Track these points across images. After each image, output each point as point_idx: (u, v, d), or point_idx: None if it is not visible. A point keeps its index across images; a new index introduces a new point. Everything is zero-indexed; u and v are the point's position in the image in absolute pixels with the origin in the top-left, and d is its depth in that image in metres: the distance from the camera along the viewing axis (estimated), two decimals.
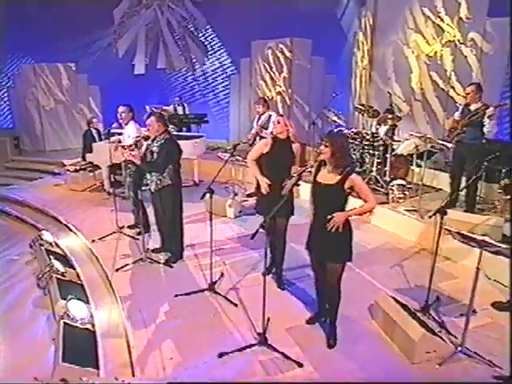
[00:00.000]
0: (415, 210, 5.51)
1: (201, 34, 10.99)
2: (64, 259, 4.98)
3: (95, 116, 7.70)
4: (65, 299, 3.80)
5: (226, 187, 7.49)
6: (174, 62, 10.55)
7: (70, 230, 5.67)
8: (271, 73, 10.13)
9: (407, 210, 5.57)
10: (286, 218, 3.97)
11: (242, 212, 6.27)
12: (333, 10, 11.25)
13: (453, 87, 7.09)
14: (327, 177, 3.04)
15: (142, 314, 3.72)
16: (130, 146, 4.46)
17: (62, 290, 4.19)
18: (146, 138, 4.45)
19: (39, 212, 6.39)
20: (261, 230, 2.94)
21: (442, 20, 7.00)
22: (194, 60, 10.98)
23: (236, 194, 6.85)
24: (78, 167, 7.55)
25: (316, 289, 3.47)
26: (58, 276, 4.42)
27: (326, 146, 2.95)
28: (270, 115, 6.44)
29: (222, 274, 4.34)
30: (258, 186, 4.16)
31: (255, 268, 4.52)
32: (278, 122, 3.87)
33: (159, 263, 4.58)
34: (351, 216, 3.00)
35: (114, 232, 5.33)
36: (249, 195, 7.01)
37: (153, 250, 4.83)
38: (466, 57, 6.93)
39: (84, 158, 7.59)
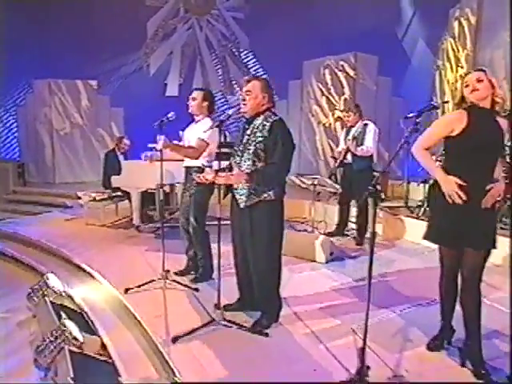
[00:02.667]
0: None
1: (242, 55, 9.93)
2: (80, 318, 3.28)
3: (126, 137, 6.31)
4: None
5: (291, 225, 6.04)
6: (211, 83, 9.42)
7: (90, 275, 4.00)
8: (329, 95, 8.88)
9: None
10: (487, 250, 2.35)
11: (334, 254, 4.57)
12: (393, 30, 10.31)
13: None
14: None
15: None
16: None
17: (80, 373, 2.49)
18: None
19: (45, 251, 4.77)
20: None
21: None
22: (234, 83, 9.85)
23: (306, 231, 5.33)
24: (97, 197, 6.03)
25: None
26: (73, 348, 2.71)
27: None
28: (366, 124, 5.00)
29: (363, 351, 2.58)
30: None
31: (409, 339, 2.76)
32: (479, 81, 2.32)
33: (243, 328, 2.84)
34: None
35: (159, 278, 3.64)
36: (329, 234, 5.36)
37: (226, 307, 3.09)
38: None
39: (105, 186, 6.09)
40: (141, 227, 5.56)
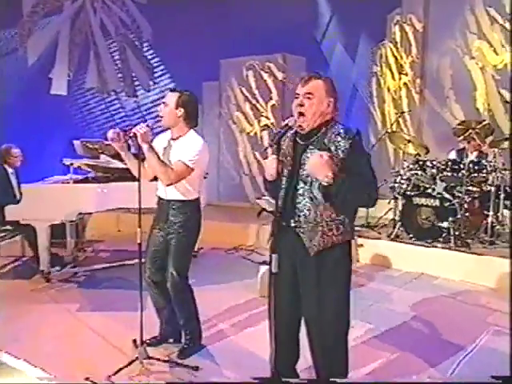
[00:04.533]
0: None
1: (145, 48, 9.01)
2: None
3: (14, 146, 4.93)
4: None
5: (243, 256, 5.51)
6: (108, 81, 8.30)
7: (8, 366, 2.81)
8: (253, 100, 8.51)
9: None
10: None
11: None
12: (310, 31, 10.45)
13: None
14: None
15: None
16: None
17: None
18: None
19: None
20: None
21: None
22: (136, 81, 8.85)
23: (268, 264, 4.82)
24: None
25: None
26: None
27: None
28: None
29: None
30: None
31: None
32: None
33: None
34: None
35: (136, 358, 2.69)
36: None
37: None
38: None
39: None
40: (51, 273, 4.34)
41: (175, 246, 2.81)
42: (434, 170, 5.20)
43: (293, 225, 2.15)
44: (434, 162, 5.24)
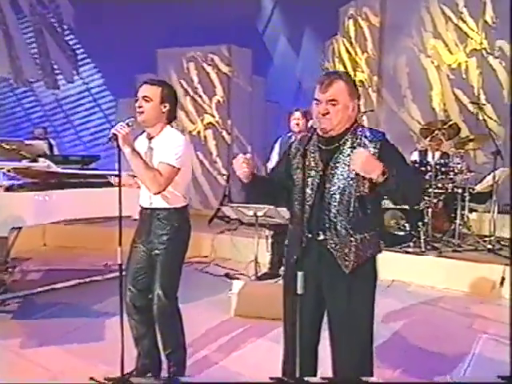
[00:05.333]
0: None
1: (67, 32, 8.41)
2: None
3: None
4: None
5: (201, 269, 5.32)
6: (24, 69, 7.62)
7: None
8: (195, 96, 8.23)
9: None
10: None
11: None
12: (255, 22, 10.43)
13: (481, 108, 6.63)
14: None
15: None
16: None
17: None
18: None
19: None
20: None
21: (465, 23, 6.70)
22: (58, 72, 8.23)
23: (232, 278, 4.78)
24: None
25: None
26: None
27: None
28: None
29: None
30: None
31: None
32: None
33: None
34: None
35: None
36: (263, 277, 4.75)
37: None
38: (494, 70, 6.69)
39: None
40: None
41: (162, 263, 2.53)
42: None
43: (321, 238, 2.00)
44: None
